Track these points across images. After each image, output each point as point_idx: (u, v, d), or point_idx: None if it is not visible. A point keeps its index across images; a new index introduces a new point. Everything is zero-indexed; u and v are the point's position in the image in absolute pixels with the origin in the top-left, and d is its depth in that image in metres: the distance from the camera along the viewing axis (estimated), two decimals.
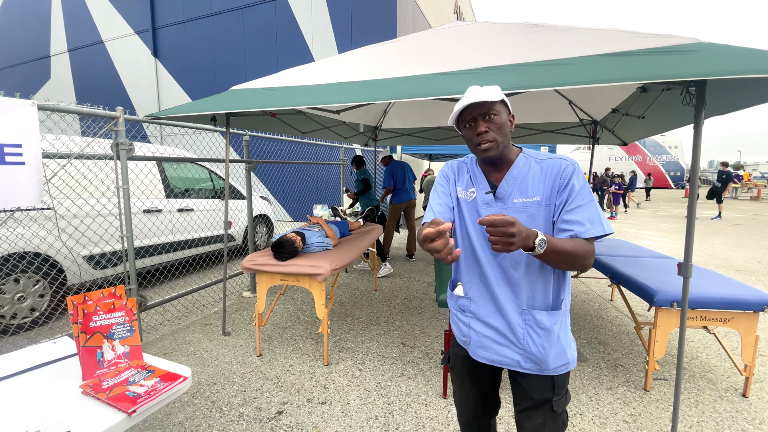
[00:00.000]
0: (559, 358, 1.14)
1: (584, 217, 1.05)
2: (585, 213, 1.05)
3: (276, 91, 2.52)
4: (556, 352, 1.14)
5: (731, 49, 1.59)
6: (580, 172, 1.09)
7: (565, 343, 1.15)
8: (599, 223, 1.05)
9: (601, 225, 1.05)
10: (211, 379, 2.50)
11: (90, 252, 3.50)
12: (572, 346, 1.18)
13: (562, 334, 1.15)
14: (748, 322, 2.20)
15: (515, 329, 1.14)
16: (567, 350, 1.16)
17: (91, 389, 1.15)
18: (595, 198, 1.09)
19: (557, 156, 1.13)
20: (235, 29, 10.01)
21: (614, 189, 12.84)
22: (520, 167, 1.14)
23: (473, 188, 1.19)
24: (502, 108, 1.11)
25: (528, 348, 1.13)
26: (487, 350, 1.20)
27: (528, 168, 1.13)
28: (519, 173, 1.13)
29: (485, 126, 1.08)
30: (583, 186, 1.07)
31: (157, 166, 4.28)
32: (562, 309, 1.14)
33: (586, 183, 1.08)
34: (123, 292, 1.37)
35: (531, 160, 1.14)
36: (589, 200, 1.07)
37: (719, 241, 7.81)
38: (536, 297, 1.14)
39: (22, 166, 2.15)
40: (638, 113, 3.03)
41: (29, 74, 14.10)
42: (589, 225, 1.05)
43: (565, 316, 1.16)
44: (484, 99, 1.06)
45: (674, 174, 30.88)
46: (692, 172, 1.82)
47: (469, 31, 2.49)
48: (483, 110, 1.08)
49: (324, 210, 4.59)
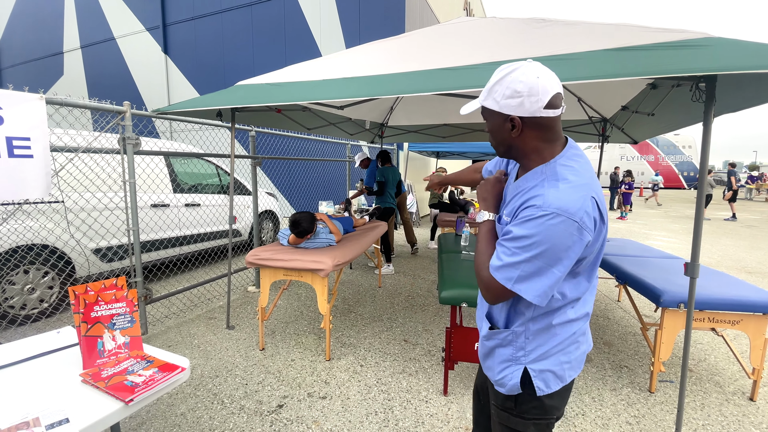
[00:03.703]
0: (489, 370, 1.09)
1: (499, 253, 0.93)
2: (502, 253, 0.92)
3: (281, 86, 2.52)
4: (488, 363, 1.10)
5: (743, 44, 1.55)
6: (543, 225, 0.85)
7: (497, 363, 1.06)
8: (509, 277, 0.90)
9: (509, 279, 0.90)
10: (213, 372, 2.52)
11: (97, 245, 3.56)
12: (507, 374, 1.03)
13: (498, 356, 1.06)
14: (757, 325, 2.15)
15: (480, 317, 1.15)
16: (495, 370, 1.06)
17: (90, 378, 1.17)
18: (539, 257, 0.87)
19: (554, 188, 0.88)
20: (243, 26, 10.06)
21: (624, 189, 12.65)
22: (528, 180, 0.96)
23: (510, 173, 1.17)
24: (492, 115, 0.97)
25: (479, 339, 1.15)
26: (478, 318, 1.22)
27: (531, 185, 0.93)
28: (521, 185, 0.97)
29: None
30: (525, 237, 0.87)
31: (164, 161, 4.33)
32: (503, 336, 1.04)
33: (536, 238, 0.86)
34: (124, 283, 1.38)
35: (541, 178, 0.92)
36: (518, 252, 0.88)
37: (732, 242, 7.66)
38: (495, 306, 1.08)
39: (30, 159, 2.19)
40: (648, 110, 2.97)
41: (43, 70, 14.34)
42: (495, 263, 0.93)
43: (509, 345, 1.03)
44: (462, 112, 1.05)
45: (687, 174, 30.29)
46: (701, 170, 1.78)
47: (475, 26, 2.46)
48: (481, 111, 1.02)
49: (329, 207, 4.60)
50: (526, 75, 0.89)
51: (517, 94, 0.89)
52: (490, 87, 0.95)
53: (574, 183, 0.88)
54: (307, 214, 2.82)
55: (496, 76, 0.93)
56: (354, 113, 4.47)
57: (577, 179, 0.89)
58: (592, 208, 0.87)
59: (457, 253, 2.95)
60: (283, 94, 2.33)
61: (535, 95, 0.88)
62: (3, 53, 15.61)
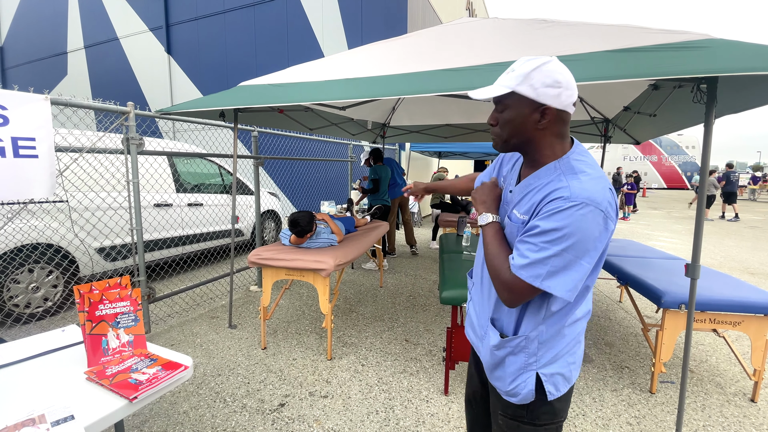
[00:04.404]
0: (498, 381, 1.06)
1: (523, 251, 0.89)
2: (527, 250, 0.89)
3: (283, 87, 2.54)
4: (496, 374, 1.06)
5: (744, 46, 1.55)
6: (573, 215, 0.84)
7: (509, 372, 1.02)
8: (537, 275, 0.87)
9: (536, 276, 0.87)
10: (216, 371, 2.54)
11: (101, 244, 3.58)
12: (520, 383, 1.01)
13: (510, 365, 1.02)
14: (758, 326, 2.15)
15: (482, 328, 1.12)
16: (507, 380, 1.03)
17: (95, 375, 1.18)
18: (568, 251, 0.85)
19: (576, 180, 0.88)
20: (246, 26, 10.09)
21: (627, 189, 12.61)
22: (540, 177, 0.94)
23: (505, 181, 1.14)
24: (520, 102, 0.91)
25: (481, 349, 1.12)
26: (471, 330, 1.20)
27: (547, 182, 0.92)
28: (532, 183, 0.96)
29: (494, 117, 0.98)
30: (555, 230, 0.85)
31: (167, 161, 4.35)
32: (516, 342, 1.01)
33: (567, 230, 0.85)
34: (128, 283, 1.40)
35: (557, 173, 0.92)
36: (547, 246, 0.86)
37: (734, 243, 7.63)
38: (501, 312, 1.05)
39: (35, 159, 2.21)
40: (650, 111, 2.97)
41: (46, 70, 14.41)
42: (519, 261, 0.89)
43: (522, 351, 1.00)
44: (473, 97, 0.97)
45: (691, 174, 30.17)
46: (702, 170, 1.78)
47: (477, 27, 2.47)
48: (495, 100, 0.97)
49: (331, 206, 4.62)
50: (562, 68, 0.91)
51: (557, 84, 0.89)
52: (525, 73, 0.89)
53: (593, 175, 0.89)
54: (306, 213, 2.83)
55: (531, 65, 0.90)
56: (356, 113, 4.48)
57: (594, 172, 0.90)
58: (613, 199, 0.88)
59: (458, 254, 2.95)
60: (286, 95, 2.35)
61: (572, 89, 0.90)
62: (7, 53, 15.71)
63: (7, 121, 2.10)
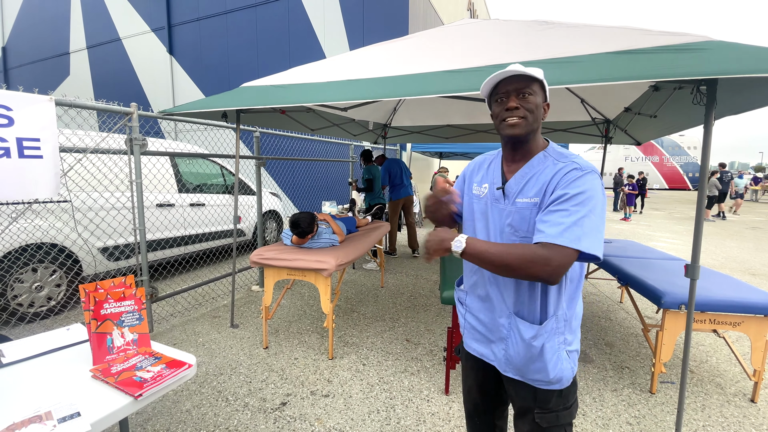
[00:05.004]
0: (538, 373, 1.07)
1: (556, 220, 0.94)
2: (561, 217, 0.94)
3: (285, 88, 2.55)
4: (536, 367, 1.07)
5: (744, 48, 1.56)
6: (590, 180, 0.96)
7: (549, 360, 1.05)
8: (577, 236, 0.91)
9: (576, 238, 0.91)
10: (218, 370, 2.56)
11: (104, 244, 3.60)
12: (560, 367, 1.05)
13: (548, 352, 1.05)
14: (758, 326, 2.15)
15: (500, 329, 1.13)
16: (549, 368, 1.05)
17: (100, 373, 1.20)
18: (593, 212, 0.94)
19: (574, 158, 1.02)
20: (248, 27, 10.12)
21: (628, 189, 12.58)
22: (534, 166, 1.06)
23: (487, 183, 1.16)
24: (540, 90, 1.04)
25: (508, 350, 1.12)
26: (477, 343, 1.22)
27: (542, 168, 1.04)
28: (529, 172, 1.06)
29: (517, 102, 1.03)
30: (581, 194, 0.94)
31: (170, 161, 4.37)
32: (550, 326, 1.05)
33: (589, 192, 0.95)
34: (133, 282, 1.41)
35: (550, 160, 1.04)
36: (578, 209, 0.93)
37: (736, 244, 7.62)
38: (523, 303, 1.08)
39: (40, 160, 2.23)
40: (650, 112, 2.98)
41: (49, 70, 14.48)
42: (555, 230, 0.92)
43: (555, 334, 1.06)
44: (524, 72, 1.01)
45: (693, 175, 30.08)
46: (702, 171, 1.79)
47: (478, 28, 2.48)
48: (519, 86, 1.03)
49: (332, 207, 4.64)
50: None
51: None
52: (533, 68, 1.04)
53: (579, 156, 1.04)
54: (307, 214, 2.84)
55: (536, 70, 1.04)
56: (357, 114, 4.50)
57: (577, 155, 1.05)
58: None
59: None
60: (289, 96, 2.36)
61: None
62: (10, 53, 15.78)
63: (12, 122, 2.12)
